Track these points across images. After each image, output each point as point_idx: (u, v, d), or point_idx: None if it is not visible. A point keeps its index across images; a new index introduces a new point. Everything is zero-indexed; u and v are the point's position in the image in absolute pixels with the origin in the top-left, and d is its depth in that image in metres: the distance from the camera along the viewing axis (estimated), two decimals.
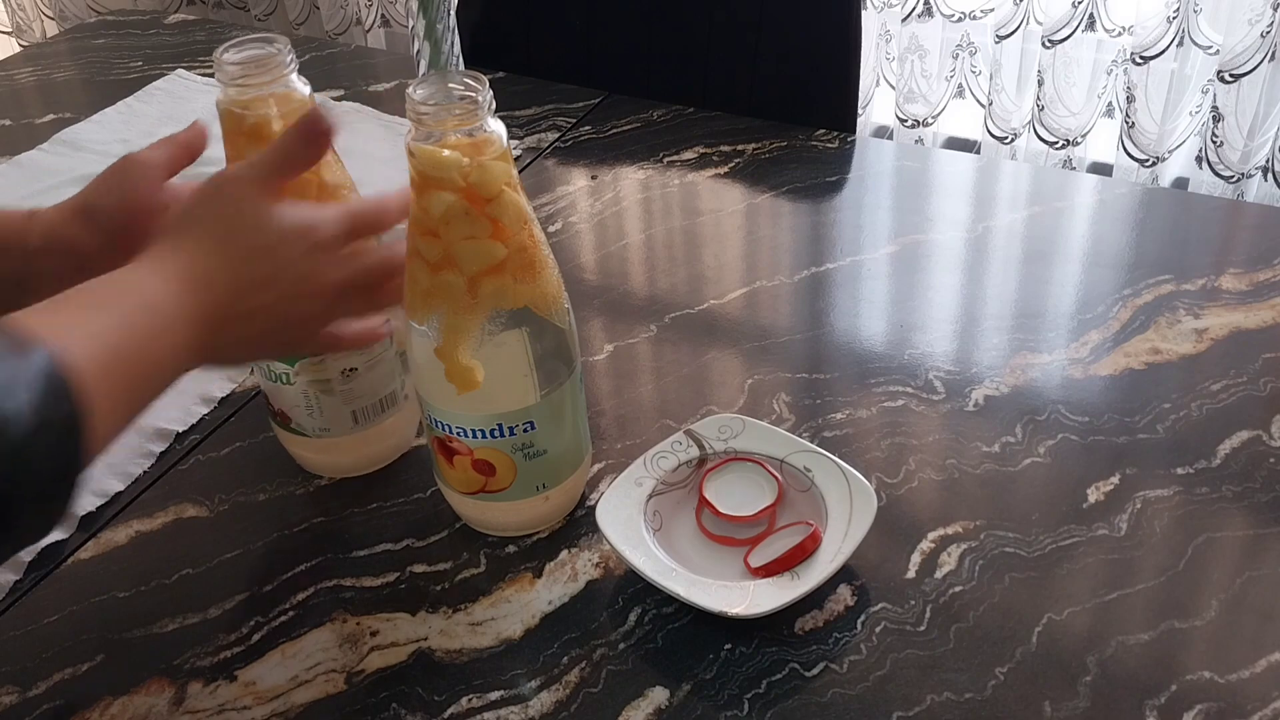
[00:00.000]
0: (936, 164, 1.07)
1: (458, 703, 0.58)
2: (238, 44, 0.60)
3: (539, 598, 0.64)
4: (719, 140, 1.06)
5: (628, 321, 0.85)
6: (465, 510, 0.67)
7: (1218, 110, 1.78)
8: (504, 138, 0.56)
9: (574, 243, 0.94)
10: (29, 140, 1.11)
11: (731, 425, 0.69)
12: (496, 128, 0.56)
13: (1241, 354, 0.77)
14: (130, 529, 0.70)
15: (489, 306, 0.57)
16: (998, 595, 0.62)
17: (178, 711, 0.59)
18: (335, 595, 0.65)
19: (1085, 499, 0.67)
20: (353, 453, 0.71)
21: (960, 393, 0.76)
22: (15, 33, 2.73)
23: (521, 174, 1.04)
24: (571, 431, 0.64)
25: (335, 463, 0.72)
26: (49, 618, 0.65)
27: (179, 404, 0.78)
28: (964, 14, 1.93)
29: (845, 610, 0.62)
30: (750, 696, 0.58)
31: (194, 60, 1.26)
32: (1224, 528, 0.65)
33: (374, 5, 2.38)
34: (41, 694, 0.60)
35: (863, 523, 0.62)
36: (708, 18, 1.21)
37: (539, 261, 0.58)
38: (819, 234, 0.94)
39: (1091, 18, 1.82)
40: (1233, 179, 1.82)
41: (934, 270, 0.88)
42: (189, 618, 0.64)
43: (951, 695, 0.57)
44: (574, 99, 1.14)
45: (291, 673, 0.61)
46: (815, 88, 1.18)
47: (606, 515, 0.64)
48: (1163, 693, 0.56)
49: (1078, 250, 0.90)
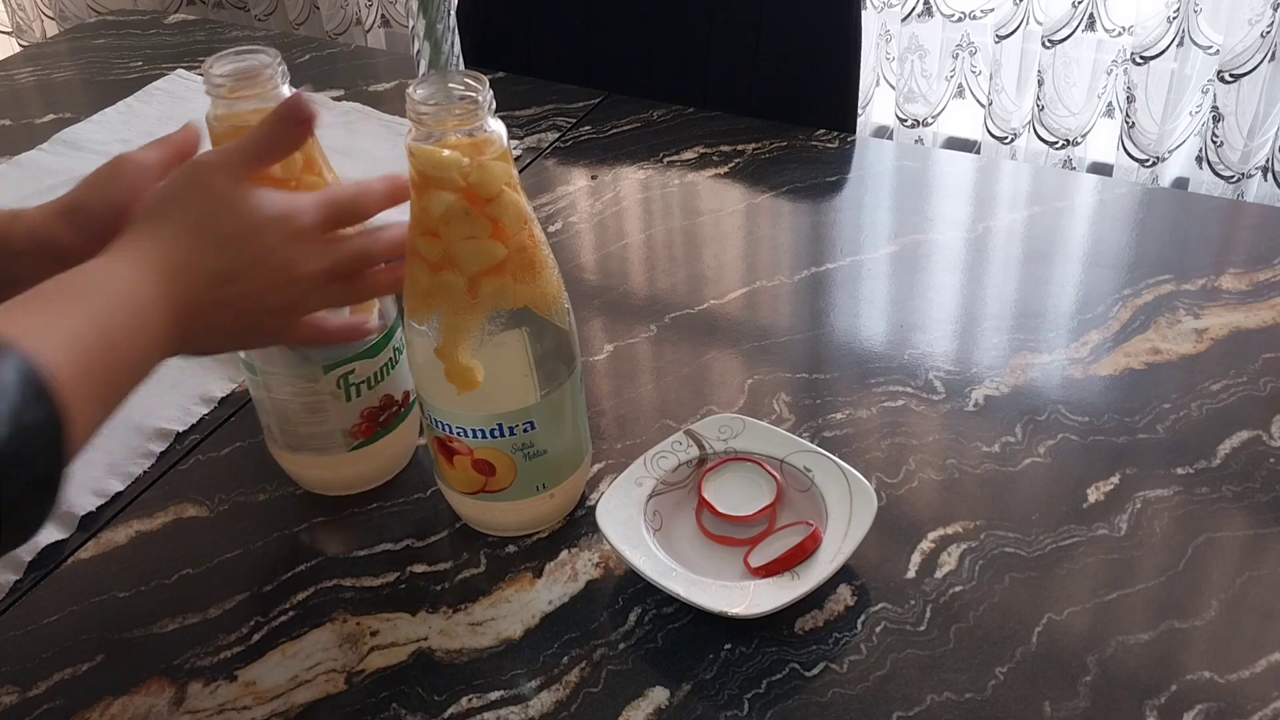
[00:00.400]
0: (936, 164, 1.07)
1: (458, 703, 0.58)
2: (224, 57, 0.59)
3: (539, 598, 0.64)
4: (719, 140, 1.06)
5: (628, 321, 0.85)
6: (465, 510, 0.67)
7: (1218, 110, 1.78)
8: (504, 138, 0.56)
9: (574, 243, 0.94)
10: (29, 140, 1.11)
11: (731, 425, 0.69)
12: (496, 128, 0.56)
13: (1241, 354, 0.77)
14: (130, 529, 0.70)
15: (489, 306, 0.57)
16: (998, 595, 0.62)
17: (178, 711, 0.59)
18: (335, 595, 0.65)
19: (1085, 499, 0.67)
20: (346, 470, 0.71)
21: (960, 393, 0.76)
22: (15, 33, 2.73)
23: (521, 174, 1.04)
24: (571, 431, 0.64)
25: (326, 479, 0.71)
26: (49, 618, 0.65)
27: (179, 404, 0.78)
28: (964, 14, 1.93)
29: (845, 610, 0.62)
30: (750, 696, 0.58)
31: (194, 60, 1.26)
32: (1224, 528, 0.65)
33: (374, 5, 2.38)
34: (41, 694, 0.60)
35: (863, 523, 0.62)
36: (708, 18, 1.21)
37: (539, 261, 0.58)
38: (819, 234, 0.94)
39: (1091, 18, 1.82)
40: (1233, 179, 1.82)
41: (934, 270, 0.88)
42: (189, 618, 0.64)
43: (951, 695, 0.57)
44: (574, 99, 1.14)
45: (291, 673, 0.61)
46: (815, 88, 1.18)
47: (606, 515, 0.64)
48: (1163, 693, 0.56)
49: (1078, 250, 0.90)
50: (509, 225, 0.56)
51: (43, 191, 1.03)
